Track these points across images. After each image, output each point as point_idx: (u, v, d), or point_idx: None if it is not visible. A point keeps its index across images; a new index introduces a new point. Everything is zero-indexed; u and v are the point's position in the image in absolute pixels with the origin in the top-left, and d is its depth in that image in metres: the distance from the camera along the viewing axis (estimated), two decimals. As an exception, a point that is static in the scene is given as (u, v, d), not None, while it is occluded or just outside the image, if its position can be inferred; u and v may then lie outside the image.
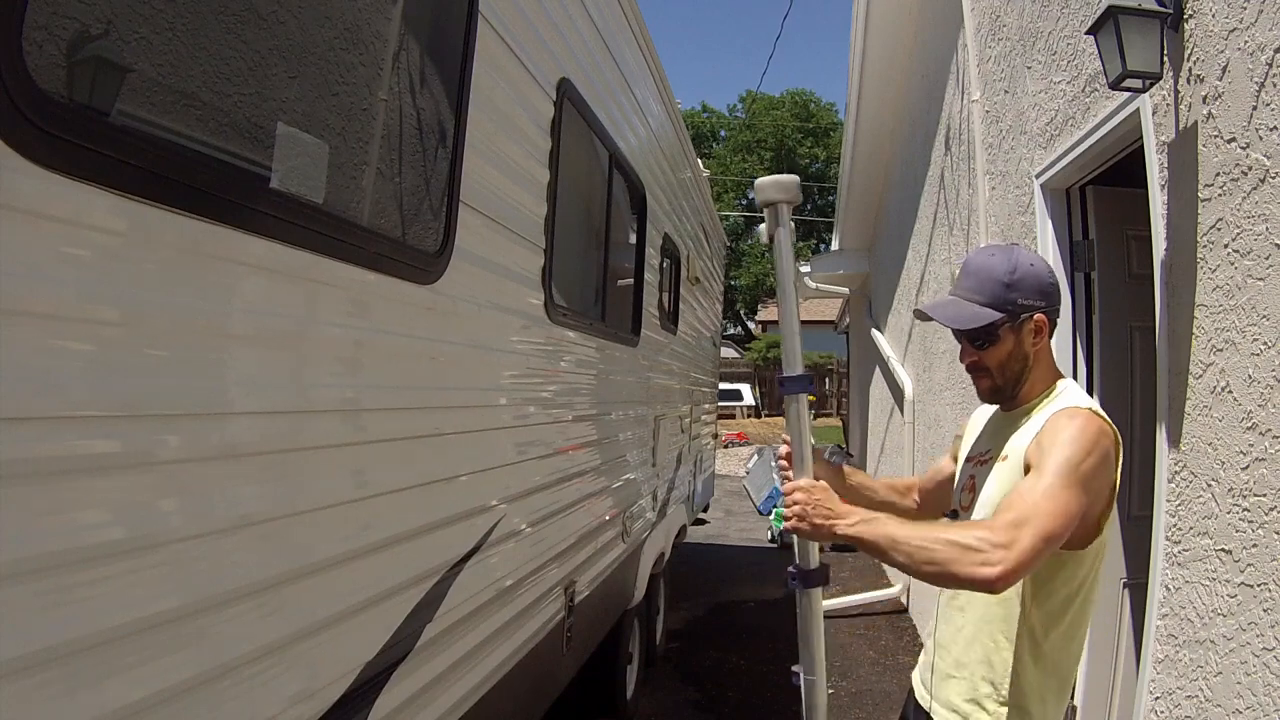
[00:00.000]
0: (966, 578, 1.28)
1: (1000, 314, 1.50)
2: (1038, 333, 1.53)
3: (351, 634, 1.42)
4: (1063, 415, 1.42)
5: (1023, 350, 1.53)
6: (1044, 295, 1.52)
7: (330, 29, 1.41)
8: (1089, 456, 1.36)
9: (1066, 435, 1.38)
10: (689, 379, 5.54)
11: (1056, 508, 1.30)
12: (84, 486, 0.89)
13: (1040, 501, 1.30)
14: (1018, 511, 1.30)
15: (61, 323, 0.86)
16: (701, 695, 4.47)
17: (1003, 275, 1.52)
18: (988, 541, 1.26)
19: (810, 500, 1.46)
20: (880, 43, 6.40)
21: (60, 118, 0.85)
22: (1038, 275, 1.53)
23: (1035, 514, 1.29)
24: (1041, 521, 1.28)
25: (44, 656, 0.84)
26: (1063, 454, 1.35)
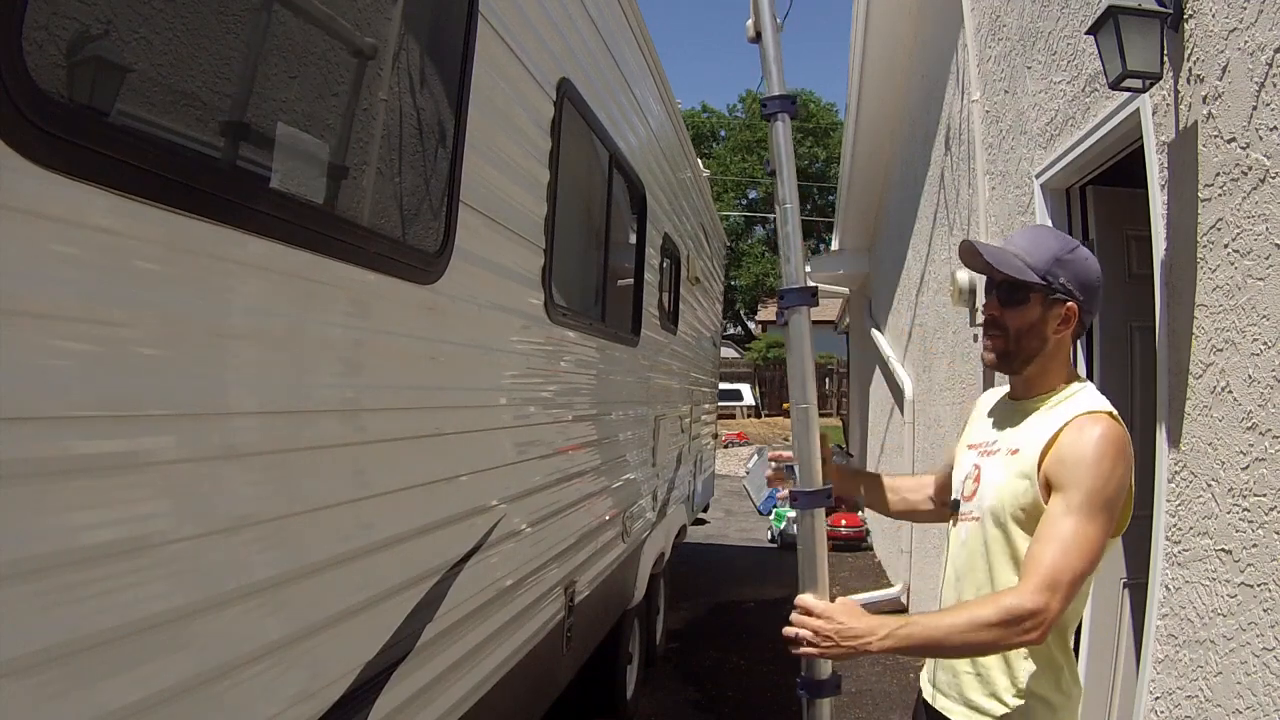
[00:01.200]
0: (1017, 644, 1.36)
1: (1040, 280, 1.48)
2: (1065, 321, 1.49)
3: (351, 634, 1.42)
4: (1086, 422, 1.40)
5: (1044, 330, 1.50)
6: (1085, 290, 1.49)
7: (330, 29, 1.41)
8: (1112, 476, 1.35)
9: (1092, 453, 1.36)
10: (689, 379, 5.54)
11: (1086, 549, 1.32)
12: (84, 486, 0.89)
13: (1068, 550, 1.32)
14: (1048, 570, 1.31)
15: (61, 323, 0.86)
16: (701, 695, 4.47)
17: (1058, 250, 1.50)
18: (1024, 611, 1.30)
19: (834, 629, 1.38)
20: (880, 43, 6.40)
21: (60, 118, 0.85)
22: (1089, 270, 1.51)
23: (1066, 565, 1.31)
24: (1072, 574, 1.31)
25: (44, 656, 0.84)
26: (1089, 481, 1.34)
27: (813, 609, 1.41)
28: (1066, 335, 1.52)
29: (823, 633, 1.39)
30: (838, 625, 1.38)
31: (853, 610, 1.40)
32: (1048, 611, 1.29)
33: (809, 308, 1.54)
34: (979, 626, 1.31)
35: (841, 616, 1.39)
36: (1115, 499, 1.36)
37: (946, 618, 1.37)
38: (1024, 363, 1.53)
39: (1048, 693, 1.44)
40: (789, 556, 6.93)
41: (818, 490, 1.52)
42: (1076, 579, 1.31)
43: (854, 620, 1.38)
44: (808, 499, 1.53)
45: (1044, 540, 1.35)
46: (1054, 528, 1.35)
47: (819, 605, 1.41)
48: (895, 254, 6.97)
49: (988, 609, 1.33)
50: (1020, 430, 1.51)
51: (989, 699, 1.47)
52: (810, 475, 1.53)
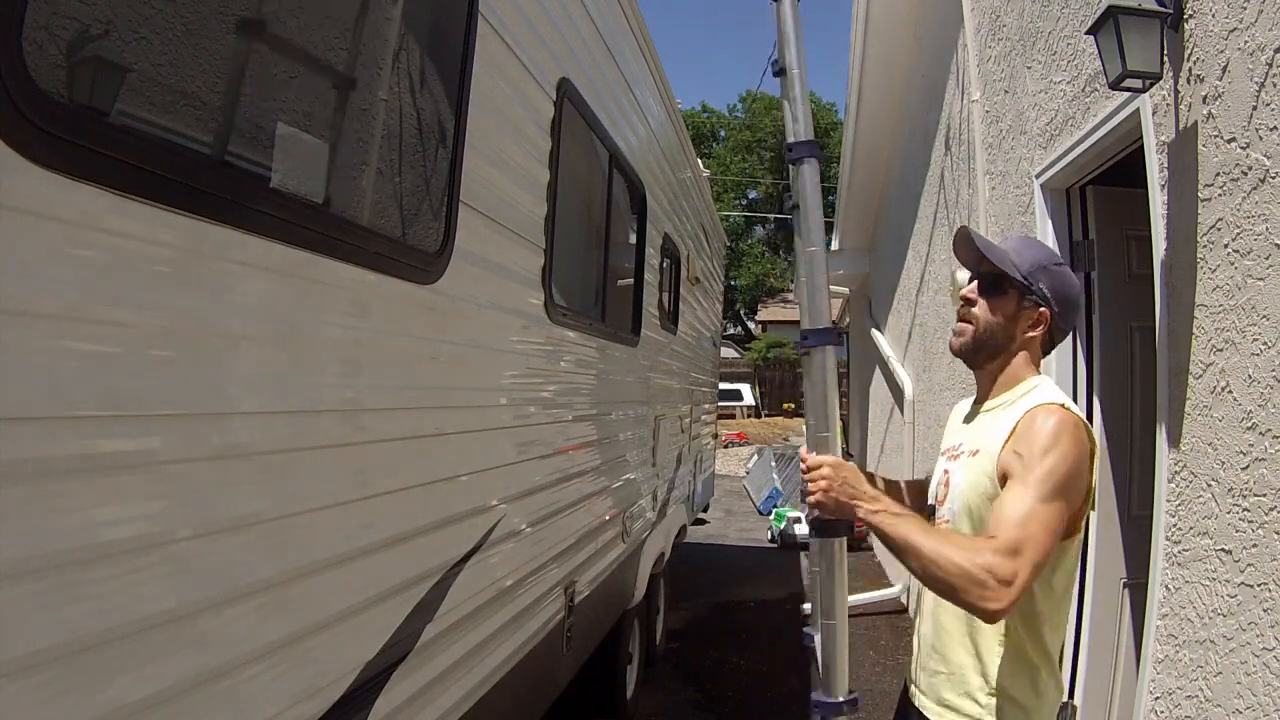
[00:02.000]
0: (968, 604, 1.31)
1: (1022, 280, 1.52)
2: (1035, 324, 1.53)
3: (352, 634, 1.42)
4: (1039, 413, 1.41)
5: (1014, 328, 1.53)
6: (1061, 304, 1.53)
7: (330, 29, 1.41)
8: (1067, 461, 1.35)
9: (1045, 439, 1.37)
10: (689, 379, 5.54)
11: (1045, 529, 1.31)
12: (83, 487, 0.89)
13: (1031, 526, 1.31)
14: (1013, 537, 1.30)
15: (61, 323, 0.86)
16: (701, 695, 4.47)
17: (1044, 260, 1.54)
18: (994, 577, 1.28)
19: (837, 477, 1.46)
20: (880, 43, 6.40)
21: (60, 118, 0.85)
22: (1069, 286, 1.55)
23: (1030, 542, 1.30)
24: (1035, 550, 1.30)
25: (44, 656, 0.84)
26: (1045, 464, 1.35)
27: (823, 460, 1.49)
28: (1035, 342, 1.55)
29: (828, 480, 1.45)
30: (844, 476, 1.46)
31: (856, 470, 1.48)
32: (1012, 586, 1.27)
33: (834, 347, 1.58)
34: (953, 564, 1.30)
35: (847, 472, 1.47)
36: (1070, 484, 1.35)
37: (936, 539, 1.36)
38: (988, 356, 1.57)
39: (1021, 694, 1.44)
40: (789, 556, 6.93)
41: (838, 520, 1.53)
42: (1040, 559, 1.30)
43: (858, 482, 1.46)
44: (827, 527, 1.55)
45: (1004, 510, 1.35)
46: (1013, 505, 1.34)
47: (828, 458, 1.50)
48: (895, 254, 6.97)
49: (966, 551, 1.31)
50: (981, 431, 1.53)
51: (962, 698, 1.48)
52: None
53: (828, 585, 1.56)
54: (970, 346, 1.57)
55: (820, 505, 1.48)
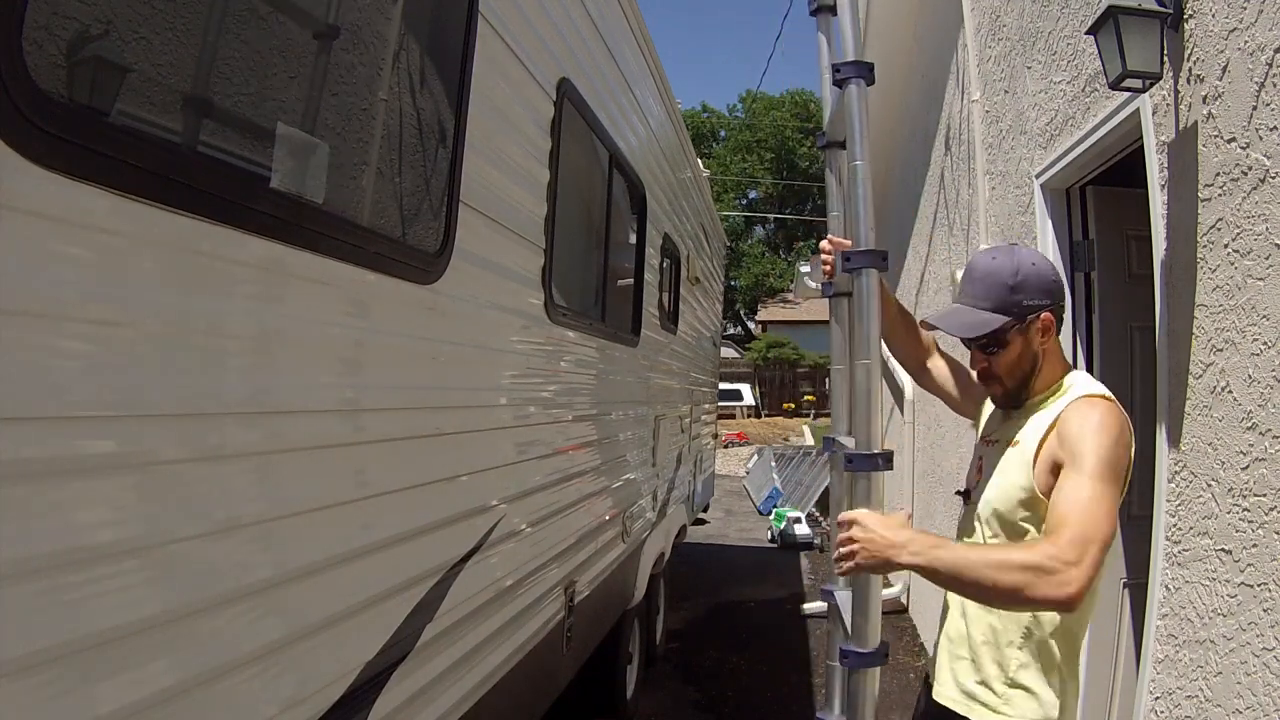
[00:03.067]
0: (1044, 599, 1.26)
1: (1008, 318, 1.51)
2: (1045, 331, 1.54)
3: (351, 634, 1.42)
4: (1083, 404, 1.44)
5: (1032, 350, 1.54)
6: (1048, 293, 1.53)
7: (330, 29, 1.41)
8: (1116, 446, 1.38)
9: (1092, 427, 1.39)
10: (689, 379, 5.54)
11: (1105, 512, 1.32)
12: (83, 487, 0.89)
13: (1093, 510, 1.30)
14: (1077, 525, 1.29)
15: (61, 323, 0.86)
16: (701, 695, 4.47)
17: (1007, 278, 1.52)
18: (1060, 560, 1.24)
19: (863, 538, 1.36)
20: (880, 43, 6.39)
21: (60, 118, 0.85)
22: (1040, 274, 1.54)
23: (1094, 525, 1.29)
24: (1101, 531, 1.29)
25: (43, 657, 0.84)
26: (1096, 452, 1.36)
27: (852, 519, 1.39)
28: (1052, 338, 1.56)
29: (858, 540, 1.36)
30: (871, 534, 1.35)
31: (889, 522, 1.38)
32: (1082, 566, 1.24)
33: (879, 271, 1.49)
34: (1012, 567, 1.26)
35: (877, 526, 1.36)
36: (1121, 469, 1.38)
37: (978, 551, 1.35)
38: (1029, 385, 1.57)
39: (1040, 687, 1.44)
40: (789, 556, 6.94)
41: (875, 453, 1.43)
42: (1106, 540, 1.29)
43: (889, 531, 1.35)
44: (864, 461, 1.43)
45: (1065, 504, 1.33)
46: (1073, 492, 1.33)
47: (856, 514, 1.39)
48: (895, 254, 6.97)
49: (1022, 551, 1.29)
50: (1022, 424, 1.54)
51: (979, 685, 1.48)
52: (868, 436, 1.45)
53: None
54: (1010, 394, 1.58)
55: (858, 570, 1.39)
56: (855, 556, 1.37)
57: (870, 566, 1.37)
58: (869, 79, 1.52)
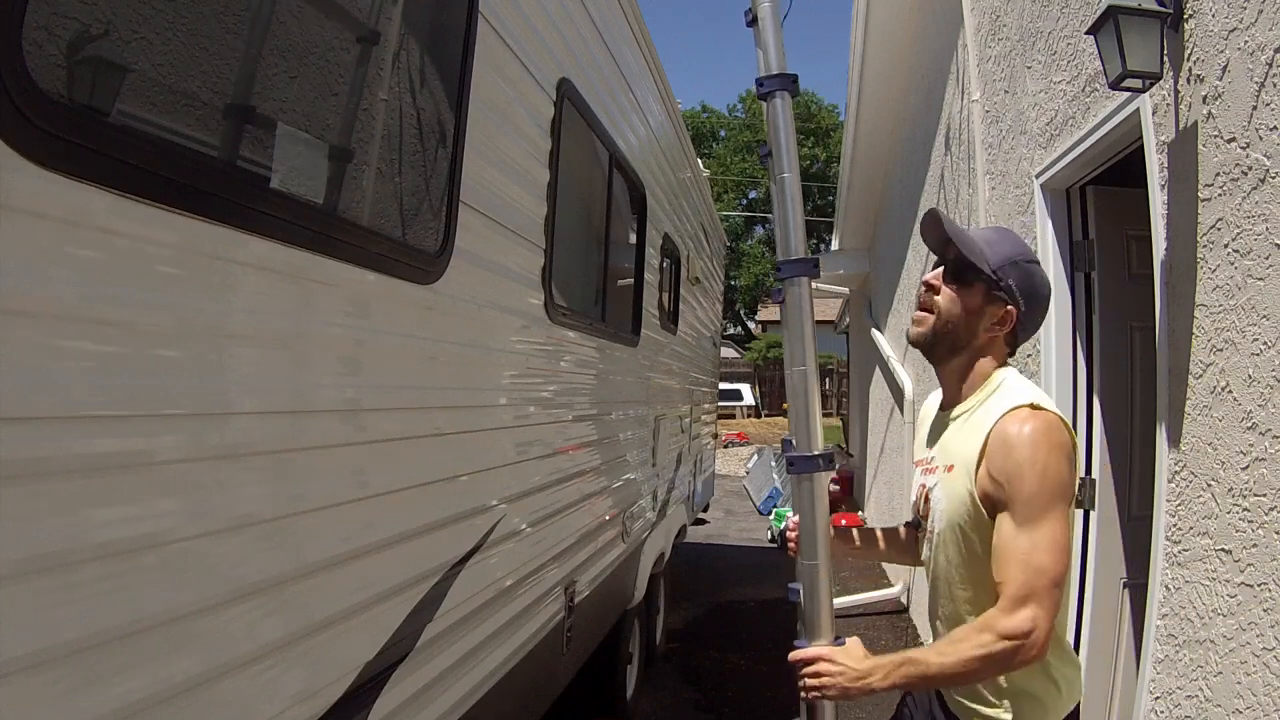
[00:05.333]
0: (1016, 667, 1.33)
1: (990, 273, 1.45)
2: (1000, 322, 1.47)
3: (351, 634, 1.42)
4: (1009, 424, 1.35)
5: (975, 322, 1.47)
6: (1029, 300, 1.47)
7: (330, 29, 1.41)
8: (1050, 466, 1.32)
9: (1025, 456, 1.32)
10: (689, 379, 5.54)
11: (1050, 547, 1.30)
12: (83, 487, 0.89)
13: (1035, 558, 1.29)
14: (1021, 581, 1.29)
15: (61, 323, 0.86)
16: (701, 695, 4.47)
17: (1016, 254, 1.47)
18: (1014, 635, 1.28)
19: (833, 671, 1.39)
20: (880, 43, 6.40)
21: (60, 118, 0.85)
22: (1038, 284, 1.49)
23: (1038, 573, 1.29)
24: (1049, 574, 1.29)
25: (44, 657, 0.84)
26: (1032, 484, 1.31)
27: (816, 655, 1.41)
28: (998, 341, 1.49)
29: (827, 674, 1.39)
30: (839, 667, 1.38)
31: (849, 651, 1.41)
32: (1036, 627, 1.27)
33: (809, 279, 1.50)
34: (976, 661, 1.31)
35: (840, 658, 1.39)
36: (1061, 488, 1.33)
37: (939, 654, 1.35)
38: (947, 351, 1.51)
39: (1033, 686, 1.44)
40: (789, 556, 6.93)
41: (815, 455, 1.44)
42: (1054, 582, 1.29)
43: (852, 661, 1.39)
44: (804, 463, 1.44)
45: (1006, 560, 1.32)
46: (1012, 546, 1.32)
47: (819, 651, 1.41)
48: (895, 254, 6.97)
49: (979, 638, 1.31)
50: (952, 444, 1.48)
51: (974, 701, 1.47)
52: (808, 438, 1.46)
53: (808, 525, 1.47)
54: (928, 337, 1.51)
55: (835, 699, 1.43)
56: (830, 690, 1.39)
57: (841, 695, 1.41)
58: (793, 91, 1.53)
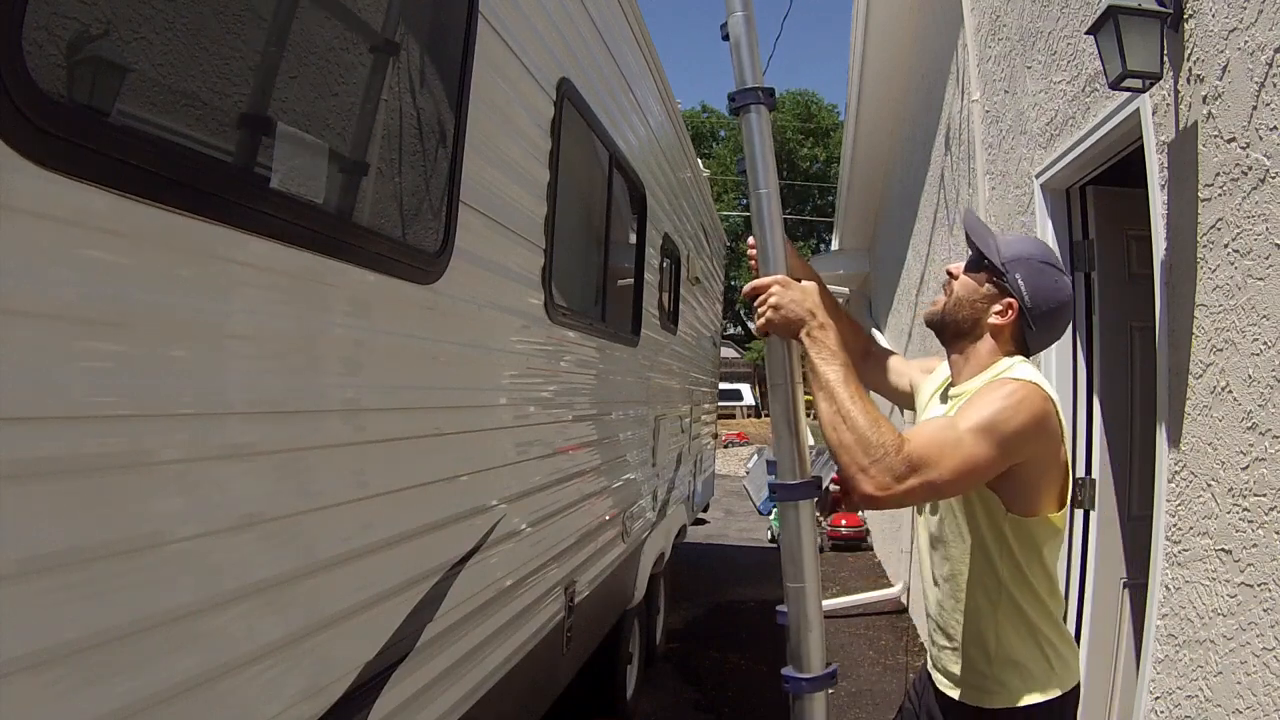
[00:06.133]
0: (848, 472, 1.30)
1: (997, 264, 1.53)
2: (1003, 312, 1.53)
3: (351, 634, 1.42)
4: (999, 381, 1.44)
5: (978, 309, 1.55)
6: (1035, 300, 1.51)
7: (330, 29, 1.41)
8: (1012, 419, 1.34)
9: (994, 395, 1.38)
10: (689, 379, 5.54)
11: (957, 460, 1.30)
12: (83, 487, 0.89)
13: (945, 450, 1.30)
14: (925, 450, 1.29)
15: (61, 323, 0.86)
16: (701, 695, 4.47)
17: (1029, 254, 1.54)
18: (886, 462, 1.27)
19: (786, 293, 1.39)
20: (880, 43, 6.40)
21: (60, 118, 0.85)
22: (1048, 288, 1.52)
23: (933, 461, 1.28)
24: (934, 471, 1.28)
25: (45, 656, 0.84)
26: (985, 411, 1.34)
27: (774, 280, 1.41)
28: (1003, 331, 1.54)
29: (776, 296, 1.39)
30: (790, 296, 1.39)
31: (810, 292, 1.41)
32: (898, 484, 1.26)
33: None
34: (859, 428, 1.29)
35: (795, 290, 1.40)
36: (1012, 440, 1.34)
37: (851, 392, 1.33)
38: (954, 333, 1.59)
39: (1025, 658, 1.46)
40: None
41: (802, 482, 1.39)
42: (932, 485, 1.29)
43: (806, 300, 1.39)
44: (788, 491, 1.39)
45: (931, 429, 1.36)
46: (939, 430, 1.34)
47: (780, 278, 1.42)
48: (895, 254, 6.97)
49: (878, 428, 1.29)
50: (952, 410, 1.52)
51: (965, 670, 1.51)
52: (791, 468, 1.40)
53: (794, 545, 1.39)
54: (938, 316, 1.62)
55: (770, 325, 1.41)
56: (775, 308, 1.39)
57: (781, 323, 1.39)
58: (769, 104, 1.49)
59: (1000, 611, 1.48)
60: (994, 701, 1.47)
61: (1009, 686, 1.46)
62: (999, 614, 1.48)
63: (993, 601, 1.48)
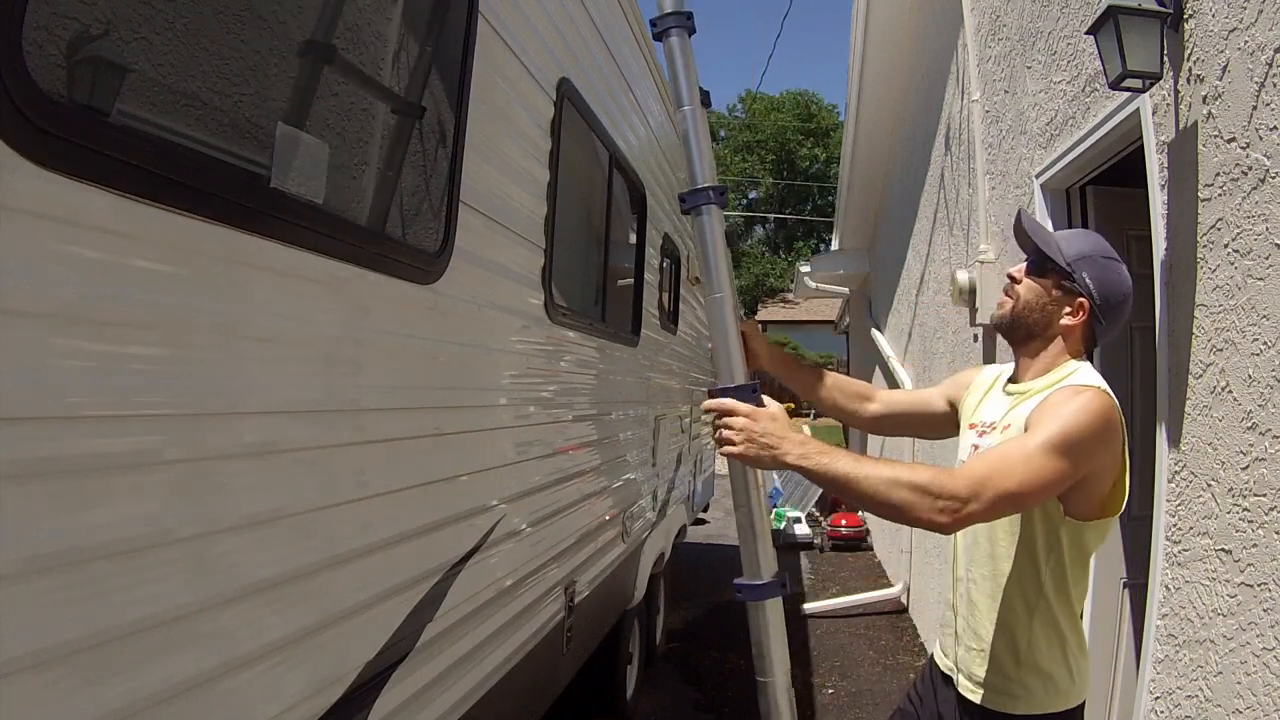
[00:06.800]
0: (923, 521, 1.28)
1: (1064, 265, 1.52)
2: (1075, 313, 1.53)
3: (351, 634, 1.42)
4: (1068, 389, 1.43)
5: (1050, 311, 1.54)
6: (1104, 297, 1.52)
7: (330, 29, 1.41)
8: (1085, 430, 1.35)
9: (1067, 409, 1.37)
10: (689, 379, 5.54)
11: (1029, 472, 1.30)
12: (83, 487, 0.89)
13: (1014, 463, 1.31)
14: (987, 467, 1.30)
15: (61, 323, 0.86)
16: (701, 695, 4.47)
17: (1092, 250, 1.54)
18: (945, 490, 1.26)
19: (749, 427, 1.33)
20: (880, 43, 6.40)
21: (60, 118, 0.85)
22: (1115, 281, 1.53)
23: (1003, 473, 1.29)
24: (1006, 482, 1.28)
25: (45, 656, 0.84)
26: (1057, 424, 1.35)
27: (734, 409, 1.36)
28: (1075, 330, 1.54)
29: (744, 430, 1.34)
30: (758, 428, 1.33)
31: (773, 415, 1.35)
32: (968, 505, 1.26)
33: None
34: (897, 484, 1.27)
35: (762, 419, 1.33)
36: (1085, 452, 1.35)
37: (870, 465, 1.31)
38: (1025, 335, 1.58)
39: (1053, 666, 1.45)
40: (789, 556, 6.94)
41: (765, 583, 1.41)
42: (1008, 495, 1.29)
43: (777, 429, 1.33)
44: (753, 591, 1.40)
45: (997, 449, 1.37)
46: (1011, 443, 1.36)
47: (740, 406, 1.36)
48: (895, 254, 6.97)
49: (913, 472, 1.29)
50: (1015, 410, 1.53)
51: (993, 673, 1.49)
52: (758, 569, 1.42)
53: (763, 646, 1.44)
54: (1008, 320, 1.59)
55: (740, 458, 1.35)
56: (736, 445, 1.34)
57: (752, 458, 1.34)
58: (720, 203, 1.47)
59: (1036, 619, 1.47)
60: (1017, 707, 1.47)
61: (1034, 693, 1.45)
62: (1035, 622, 1.47)
63: (1030, 608, 1.47)
